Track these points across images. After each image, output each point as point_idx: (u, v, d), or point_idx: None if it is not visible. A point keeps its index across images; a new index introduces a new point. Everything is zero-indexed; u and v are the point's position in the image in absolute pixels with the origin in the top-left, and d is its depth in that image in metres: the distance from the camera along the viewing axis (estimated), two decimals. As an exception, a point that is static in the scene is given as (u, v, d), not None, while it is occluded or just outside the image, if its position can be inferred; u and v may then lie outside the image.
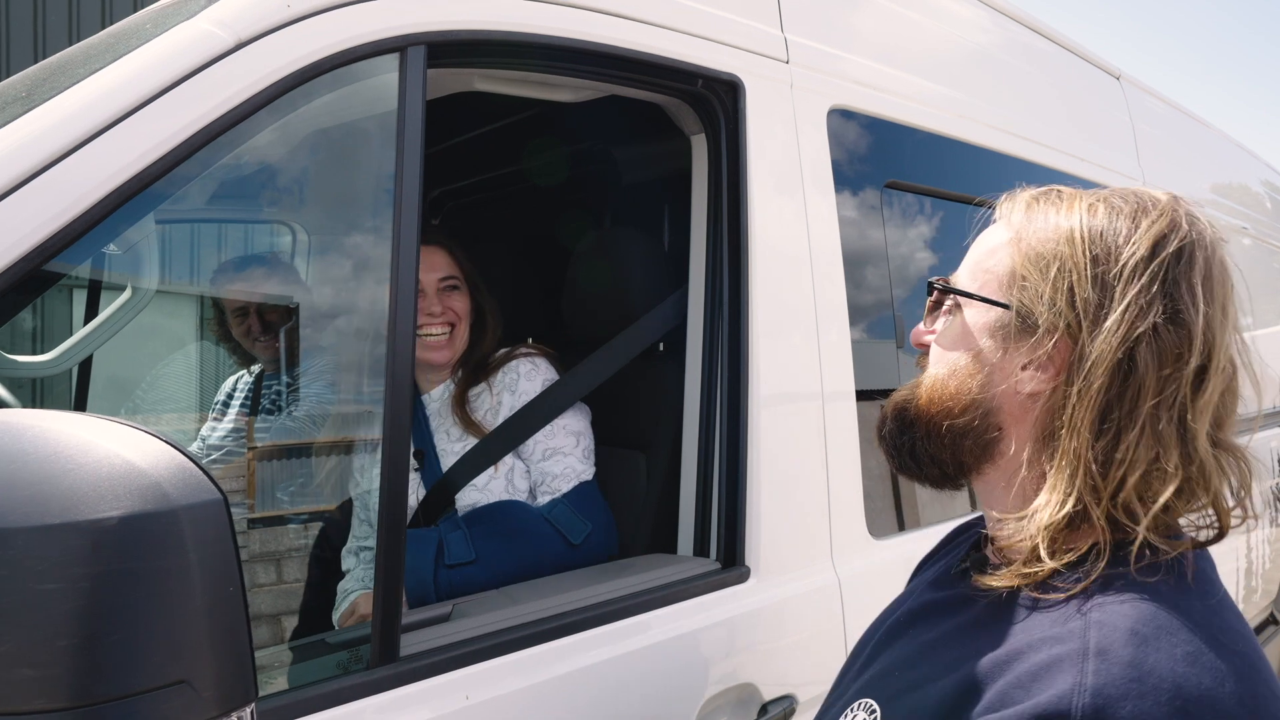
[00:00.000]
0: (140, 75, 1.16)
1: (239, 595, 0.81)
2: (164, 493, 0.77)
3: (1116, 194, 1.00)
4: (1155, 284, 0.91)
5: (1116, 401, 0.91)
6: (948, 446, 1.05)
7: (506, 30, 1.50)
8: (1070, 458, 0.92)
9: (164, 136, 1.14)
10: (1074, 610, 0.88)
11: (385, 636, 1.30)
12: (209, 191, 1.36)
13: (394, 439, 1.32)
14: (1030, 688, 0.84)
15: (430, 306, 2.11)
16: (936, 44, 2.52)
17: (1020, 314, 0.98)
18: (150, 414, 2.96)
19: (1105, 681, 0.81)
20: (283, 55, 1.25)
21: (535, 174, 2.82)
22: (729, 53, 1.83)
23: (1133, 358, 0.90)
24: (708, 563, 1.78)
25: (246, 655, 0.81)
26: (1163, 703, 0.79)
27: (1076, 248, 0.95)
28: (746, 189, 1.83)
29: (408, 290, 1.35)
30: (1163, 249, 0.93)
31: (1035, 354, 0.96)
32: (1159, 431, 0.90)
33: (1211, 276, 0.93)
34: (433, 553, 1.89)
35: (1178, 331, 0.91)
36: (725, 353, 1.83)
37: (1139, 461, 0.89)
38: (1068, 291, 0.95)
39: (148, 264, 1.63)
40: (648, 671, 1.59)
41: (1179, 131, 4.11)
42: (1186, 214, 0.96)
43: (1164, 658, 0.81)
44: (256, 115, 1.25)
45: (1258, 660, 0.86)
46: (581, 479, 2.02)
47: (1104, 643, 0.83)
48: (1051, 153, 2.78)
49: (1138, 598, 0.87)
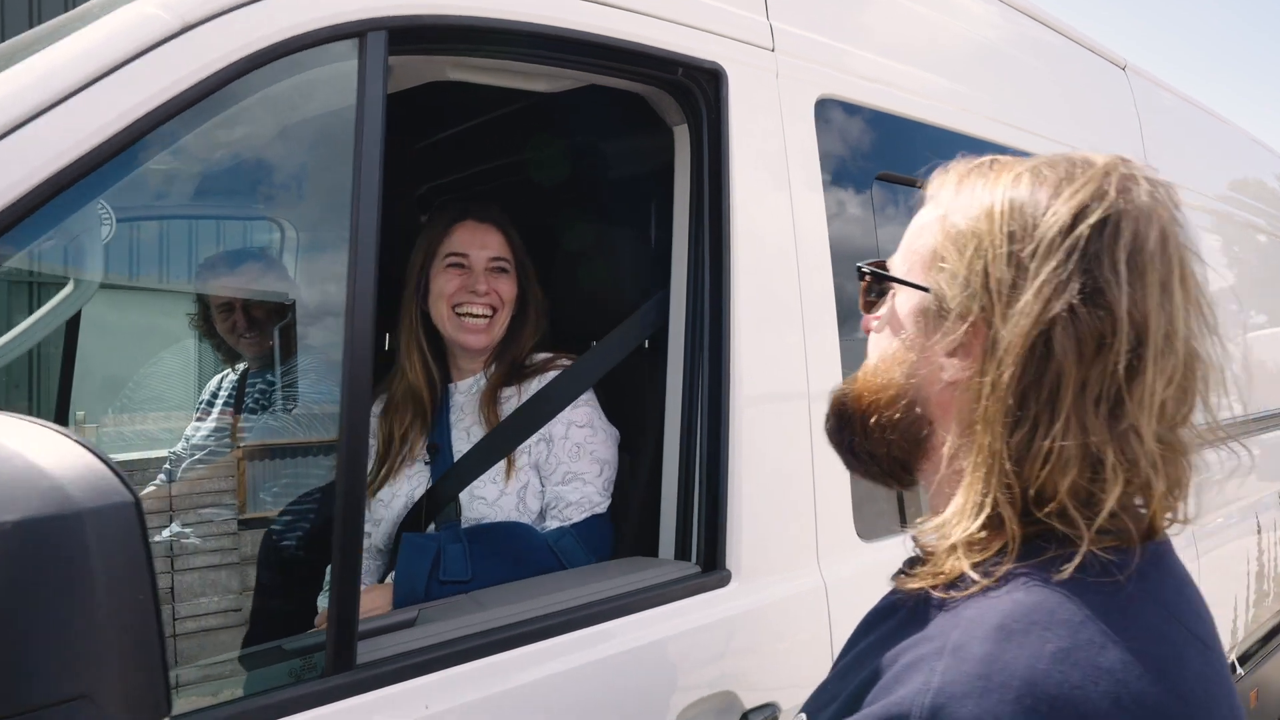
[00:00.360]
0: (76, 60, 1.11)
1: (150, 604, 0.77)
2: (67, 495, 0.73)
3: (1048, 161, 0.92)
4: (1072, 260, 0.83)
5: (1033, 391, 0.83)
6: (879, 442, 0.99)
7: (474, 15, 1.45)
8: (985, 454, 0.85)
9: (99, 125, 1.09)
10: (957, 603, 0.83)
11: (340, 643, 1.25)
12: (155, 182, 1.31)
13: (352, 438, 1.27)
14: (891, 688, 0.80)
15: (475, 284, 2.04)
16: (930, 32, 2.46)
17: (937, 297, 0.92)
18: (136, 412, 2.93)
19: (951, 680, 0.76)
20: (231, 40, 1.20)
21: (524, 169, 2.77)
22: (710, 40, 1.77)
23: (1049, 343, 0.82)
24: (687, 566, 1.73)
25: (158, 668, 0.77)
26: (1009, 700, 0.73)
27: (994, 223, 0.88)
28: (729, 181, 1.78)
29: (365, 291, 1.30)
30: (1082, 220, 0.84)
31: (952, 340, 0.90)
32: (1087, 426, 0.81)
33: (1142, 250, 0.83)
34: (429, 563, 1.82)
35: (1097, 312, 0.82)
36: (706, 350, 1.78)
37: (1069, 460, 0.81)
38: (982, 272, 0.87)
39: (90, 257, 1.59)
40: (621, 679, 1.54)
41: (1190, 124, 4.04)
42: (1120, 180, 0.87)
43: (1024, 654, 0.75)
44: (206, 103, 1.20)
45: (1164, 659, 0.77)
46: (595, 511, 1.95)
47: (963, 639, 0.78)
48: (1050, 144, 2.72)
49: (1023, 592, 0.80)
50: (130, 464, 2.79)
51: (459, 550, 1.83)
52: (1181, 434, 0.87)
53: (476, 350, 2.07)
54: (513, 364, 2.09)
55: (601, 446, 2.00)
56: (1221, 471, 1.56)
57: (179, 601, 2.08)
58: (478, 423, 2.03)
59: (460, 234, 2.09)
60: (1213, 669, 0.82)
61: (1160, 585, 0.84)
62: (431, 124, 2.86)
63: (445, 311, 2.05)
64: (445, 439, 2.06)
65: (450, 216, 2.12)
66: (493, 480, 1.96)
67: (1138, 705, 0.73)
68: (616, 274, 2.15)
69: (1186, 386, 0.86)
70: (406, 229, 3.08)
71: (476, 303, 2.04)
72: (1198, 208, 3.79)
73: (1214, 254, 4.03)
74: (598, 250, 2.21)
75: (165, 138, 1.18)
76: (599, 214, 2.55)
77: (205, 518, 2.36)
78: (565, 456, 1.97)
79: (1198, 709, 0.76)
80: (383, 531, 2.04)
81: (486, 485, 1.96)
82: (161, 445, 2.78)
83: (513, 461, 1.97)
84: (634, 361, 2.07)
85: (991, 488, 0.84)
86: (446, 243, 2.08)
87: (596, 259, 2.19)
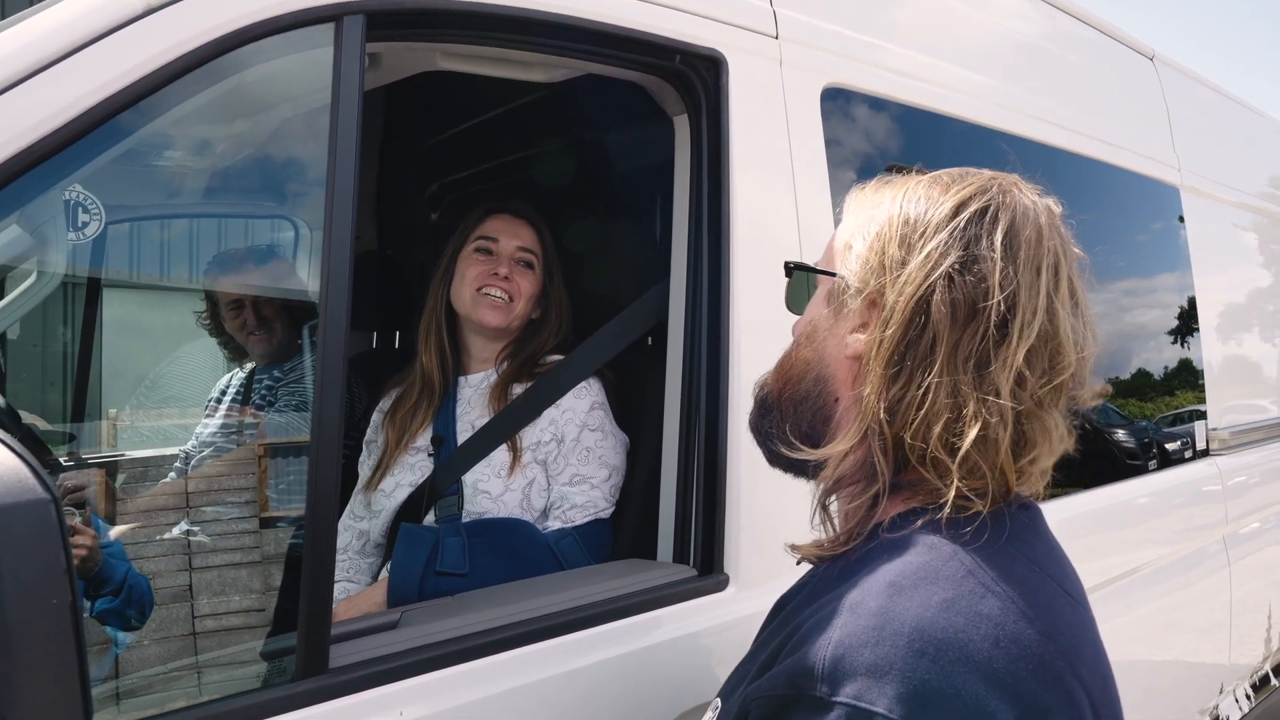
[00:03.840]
0: (35, 42, 1.08)
1: (67, 609, 0.73)
2: (-28, 493, 0.69)
3: (947, 172, 1.04)
4: (953, 237, 0.95)
5: (912, 348, 0.94)
6: (791, 418, 1.08)
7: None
8: (863, 405, 0.96)
9: (55, 110, 1.05)
10: (852, 571, 0.92)
11: (311, 646, 1.21)
12: (121, 171, 1.27)
13: (322, 437, 1.23)
14: (794, 650, 0.88)
15: (498, 266, 2.06)
16: (944, 20, 2.39)
17: (845, 280, 1.03)
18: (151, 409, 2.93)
19: (849, 633, 0.84)
20: (199, 22, 1.17)
21: (532, 164, 2.74)
22: (710, 26, 1.72)
23: (928, 306, 0.93)
24: (684, 570, 1.67)
25: (74, 679, 0.72)
26: (900, 646, 0.81)
27: (893, 215, 1.00)
28: (729, 173, 1.72)
29: (340, 287, 1.25)
30: (965, 208, 0.97)
31: (857, 316, 1.01)
32: (957, 380, 0.92)
33: (1017, 236, 0.95)
34: (425, 554, 1.80)
35: (973, 280, 0.93)
36: (705, 350, 1.72)
37: (939, 409, 0.91)
38: (880, 251, 0.99)
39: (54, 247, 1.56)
40: (614, 684, 1.49)
41: (1224, 117, 3.91)
42: (1003, 185, 1.00)
43: (913, 605, 0.84)
44: (173, 88, 1.17)
45: (1037, 606, 0.87)
46: (598, 515, 1.92)
47: (858, 598, 0.87)
48: (1068, 134, 2.63)
49: (911, 553, 0.90)
50: (146, 460, 2.79)
51: (458, 543, 1.81)
52: (1044, 406, 0.94)
53: (493, 329, 2.05)
54: (526, 361, 2.06)
55: (611, 452, 1.98)
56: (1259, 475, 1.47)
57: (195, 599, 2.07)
58: (485, 416, 2.01)
59: (494, 222, 2.13)
60: (1080, 618, 0.93)
61: (1032, 546, 0.95)
62: (441, 120, 2.84)
63: (467, 293, 2.06)
64: (450, 430, 2.03)
65: (487, 207, 2.17)
66: (497, 475, 1.93)
67: (1014, 644, 0.83)
68: (629, 270, 2.10)
69: (1052, 363, 0.94)
70: (417, 227, 3.07)
71: (496, 284, 2.04)
72: (1231, 203, 3.67)
73: (1250, 251, 3.90)
74: (605, 245, 2.17)
75: (130, 124, 1.15)
76: (607, 209, 2.51)
77: (212, 515, 2.34)
78: (575, 459, 1.94)
79: (1066, 648, 0.86)
80: (382, 521, 2.02)
81: (491, 479, 1.93)
82: (178, 442, 2.78)
83: (519, 456, 1.94)
84: (635, 360, 2.03)
85: (866, 434, 0.96)
86: (479, 229, 2.12)
87: (606, 255, 2.15)
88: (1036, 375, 0.93)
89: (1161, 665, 2.79)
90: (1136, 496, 2.82)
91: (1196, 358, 3.25)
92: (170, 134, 1.26)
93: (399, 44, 1.49)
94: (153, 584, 1.90)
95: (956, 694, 0.79)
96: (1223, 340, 3.45)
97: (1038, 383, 0.93)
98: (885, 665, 0.81)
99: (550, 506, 1.94)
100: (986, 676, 0.80)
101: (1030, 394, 0.93)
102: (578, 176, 2.66)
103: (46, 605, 0.71)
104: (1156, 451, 2.99)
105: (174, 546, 2.13)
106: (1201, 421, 3.22)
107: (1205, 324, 3.29)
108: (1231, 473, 3.29)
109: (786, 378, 1.09)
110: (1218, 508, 3.18)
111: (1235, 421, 3.45)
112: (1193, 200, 3.28)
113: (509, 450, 1.95)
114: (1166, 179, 3.15)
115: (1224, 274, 3.55)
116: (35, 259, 1.97)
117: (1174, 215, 3.21)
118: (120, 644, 1.84)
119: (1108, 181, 2.86)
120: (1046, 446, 0.96)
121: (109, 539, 1.93)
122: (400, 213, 3.10)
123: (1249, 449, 3.51)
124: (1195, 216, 3.29)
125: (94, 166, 1.15)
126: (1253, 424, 3.61)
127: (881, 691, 0.80)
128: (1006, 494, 0.94)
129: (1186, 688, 2.96)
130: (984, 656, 0.81)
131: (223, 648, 1.91)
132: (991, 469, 0.92)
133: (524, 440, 1.96)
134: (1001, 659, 0.81)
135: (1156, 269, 3.18)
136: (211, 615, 1.94)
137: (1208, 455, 3.21)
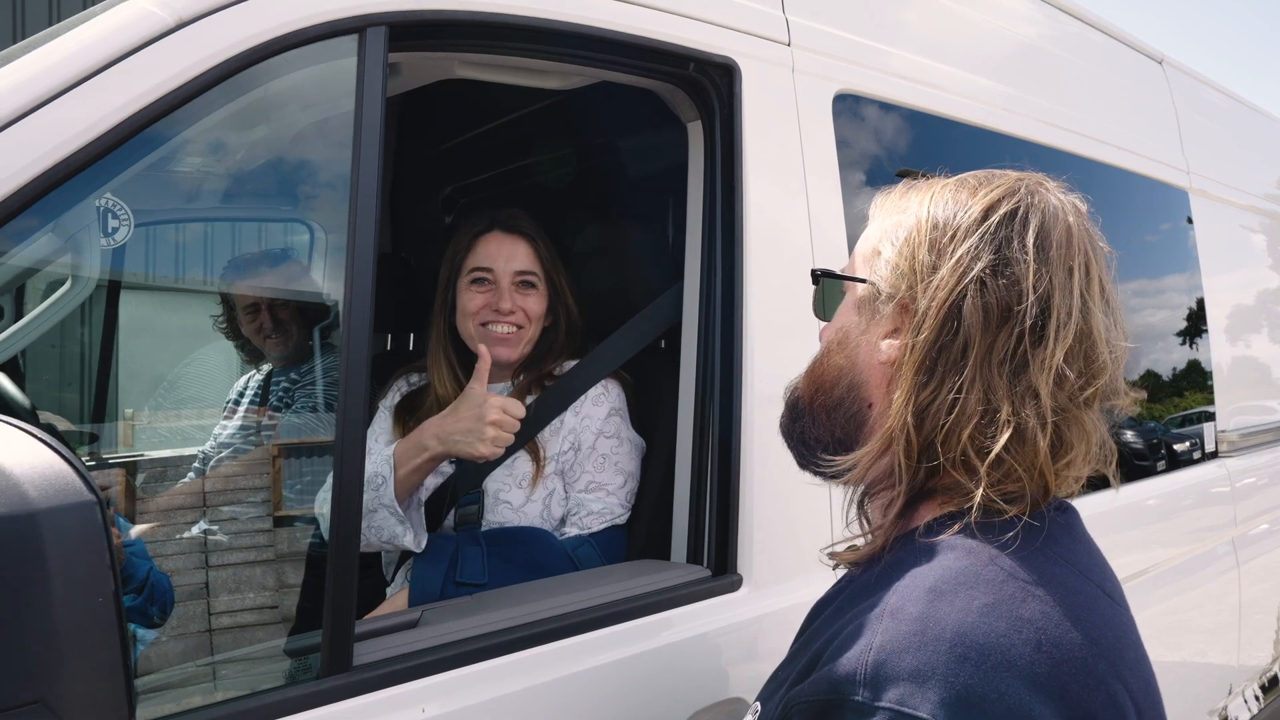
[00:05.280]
0: (73, 56, 1.11)
1: (111, 607, 0.75)
2: (24, 495, 0.72)
3: (973, 174, 1.04)
4: (984, 240, 0.95)
5: (945, 353, 0.94)
6: (825, 425, 1.07)
7: (477, 10, 1.43)
8: (896, 409, 0.95)
9: (93, 120, 1.08)
10: (889, 575, 0.91)
11: (336, 644, 1.23)
12: (153, 179, 1.31)
13: (348, 439, 1.26)
14: (836, 655, 0.87)
15: (499, 302, 1.97)
16: (955, 26, 2.41)
17: (876, 285, 1.03)
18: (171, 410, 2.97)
19: (890, 638, 0.84)
20: (227, 36, 1.20)
21: (546, 168, 2.76)
22: (723, 34, 1.74)
23: (960, 310, 0.93)
24: (698, 570, 1.70)
25: (119, 673, 0.75)
26: (943, 651, 0.81)
27: (922, 220, 1.00)
28: (742, 178, 1.74)
29: (364, 290, 1.28)
30: (995, 211, 0.96)
31: (889, 322, 1.01)
32: (990, 384, 0.91)
33: (1049, 236, 0.95)
34: (445, 564, 1.81)
35: (1005, 284, 0.93)
36: (719, 352, 1.74)
37: (969, 413, 0.91)
38: (910, 256, 0.99)
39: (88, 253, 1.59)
40: (626, 684, 1.51)
41: (1233, 120, 3.92)
42: (1030, 186, 0.99)
43: (954, 610, 0.83)
44: (204, 99, 1.20)
45: (1078, 609, 0.86)
46: (615, 522, 1.93)
47: (899, 603, 0.86)
48: (1077, 138, 2.64)
49: (949, 555, 0.89)
50: (164, 461, 2.83)
51: (476, 553, 1.82)
52: (1082, 407, 0.94)
53: (506, 363, 2.02)
54: (541, 374, 2.06)
55: (626, 459, 1.98)
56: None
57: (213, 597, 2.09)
58: None
59: (485, 247, 2.02)
60: (1120, 620, 0.92)
61: (1070, 548, 0.95)
62: (455, 124, 2.87)
63: (472, 328, 2.00)
64: None
65: (476, 228, 2.06)
66: (519, 485, 1.94)
67: (1056, 648, 0.82)
68: (638, 274, 2.12)
69: (1090, 363, 0.94)
70: (432, 229, 3.10)
71: (502, 321, 1.99)
72: (1240, 205, 3.68)
73: (1259, 253, 3.91)
74: (618, 250, 2.19)
75: (161, 134, 1.18)
76: (620, 213, 2.53)
77: (229, 514, 2.38)
78: (591, 466, 1.95)
79: (1108, 649, 0.86)
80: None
81: (513, 490, 1.94)
82: (196, 443, 2.81)
83: (541, 469, 1.94)
84: (649, 363, 2.05)
85: (891, 439, 0.96)
86: (471, 257, 2.02)
87: (618, 258, 2.17)
88: (1075, 375, 0.92)
89: (1170, 666, 2.80)
90: (1146, 498, 2.84)
91: (1205, 359, 3.27)
92: (196, 142, 1.29)
93: (419, 54, 1.52)
94: (175, 582, 1.93)
95: (1000, 698, 0.79)
96: (1231, 342, 3.46)
97: (1076, 383, 0.93)
98: (928, 670, 0.80)
99: (567, 514, 1.95)
100: (1030, 681, 0.80)
101: (1069, 394, 0.92)
102: (590, 181, 2.68)
103: (93, 602, 0.74)
104: (1165, 453, 3.01)
105: (195, 545, 2.16)
106: (1210, 423, 3.23)
107: (1214, 326, 3.30)
108: (1240, 474, 3.30)
109: (819, 384, 1.09)
110: (1227, 509, 3.19)
111: (1244, 423, 3.45)
112: (1201, 203, 3.29)
113: (532, 461, 1.95)
114: (1175, 182, 3.16)
115: (1232, 276, 3.56)
116: (69, 264, 2.00)
117: (1182, 218, 3.22)
118: (143, 641, 1.87)
119: (1117, 185, 2.88)
120: (1084, 449, 0.95)
121: (131, 538, 1.96)
122: (414, 215, 3.13)
123: (1258, 451, 3.52)
124: (1204, 219, 3.30)
125: (125, 177, 1.18)
126: (1262, 426, 3.61)
127: (925, 696, 0.79)
128: (1045, 495, 0.94)
129: (1195, 688, 2.97)
130: (1027, 661, 0.80)
131: (244, 645, 1.94)
132: (1029, 471, 0.92)
133: (547, 451, 1.96)
134: (1044, 663, 0.81)
135: (1165, 271, 3.19)
136: (231, 613, 1.97)
137: (1216, 457, 3.22)
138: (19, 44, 1.53)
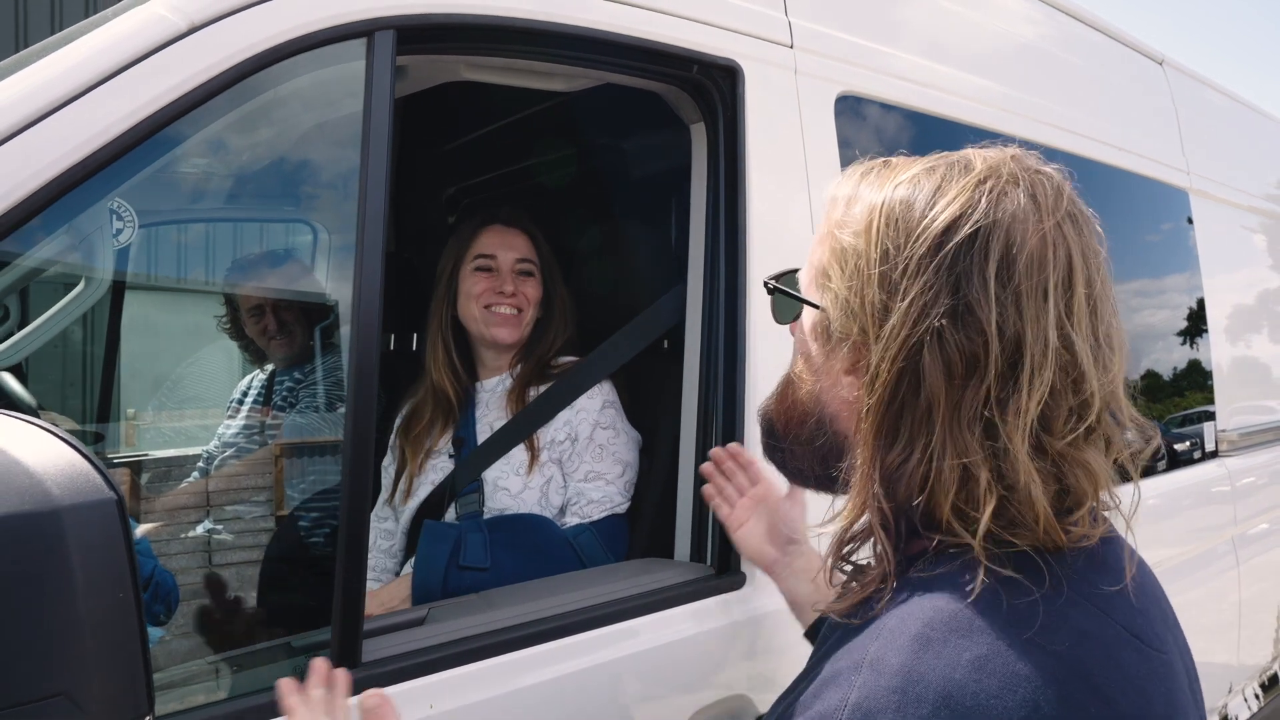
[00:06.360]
0: (86, 61, 1.12)
1: (131, 603, 0.77)
2: (47, 492, 0.73)
3: (929, 166, 0.89)
4: (939, 276, 0.81)
5: (907, 411, 0.82)
6: (805, 458, 0.99)
7: (483, 14, 1.45)
8: (862, 470, 0.85)
9: (107, 124, 1.10)
10: (878, 613, 0.82)
11: (345, 641, 1.25)
12: (165, 181, 1.32)
13: (357, 436, 1.28)
14: (809, 704, 0.79)
15: (503, 285, 2.09)
16: (956, 27, 2.42)
17: (828, 316, 0.90)
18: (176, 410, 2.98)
19: (867, 694, 0.75)
20: (239, 40, 1.21)
21: (549, 169, 2.77)
22: (727, 37, 1.75)
23: (917, 366, 0.81)
24: (701, 568, 1.71)
25: (139, 667, 0.77)
26: (925, 715, 0.71)
27: (871, 240, 0.86)
28: (745, 179, 1.76)
29: (372, 290, 1.30)
30: (951, 236, 0.81)
31: (845, 359, 0.89)
32: (963, 446, 0.79)
33: (1014, 263, 0.80)
34: (449, 549, 1.85)
35: (968, 332, 0.79)
36: (722, 351, 1.76)
37: (947, 481, 0.80)
38: (859, 292, 0.86)
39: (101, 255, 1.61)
40: (630, 681, 1.53)
41: (1234, 120, 3.93)
42: (995, 187, 0.83)
43: (940, 664, 0.73)
44: (216, 102, 1.21)
45: (1090, 661, 0.75)
46: (615, 510, 1.97)
47: (881, 652, 0.77)
48: (1078, 138, 2.65)
49: (944, 595, 0.78)
50: (168, 461, 2.84)
51: (479, 539, 1.86)
52: (1079, 441, 0.82)
53: (506, 344, 2.10)
54: (538, 363, 2.11)
55: (624, 449, 2.02)
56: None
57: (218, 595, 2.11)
58: (503, 417, 2.06)
59: (488, 237, 2.14)
60: (1150, 667, 0.79)
61: (1092, 585, 0.81)
62: (459, 125, 2.88)
63: (476, 310, 2.10)
64: (470, 433, 2.09)
65: (479, 221, 2.19)
66: (516, 473, 1.98)
67: (1062, 707, 0.72)
68: (641, 275, 2.14)
69: (1078, 395, 0.81)
70: (435, 229, 3.11)
71: (504, 303, 2.09)
72: (1240, 206, 3.69)
73: (1259, 253, 3.92)
74: (621, 251, 2.21)
75: (174, 138, 1.19)
76: (623, 214, 2.54)
77: (233, 514, 2.39)
78: (589, 456, 1.99)
79: (1128, 709, 0.74)
80: (404, 519, 2.08)
81: (510, 477, 1.98)
82: (200, 443, 2.83)
83: (537, 455, 1.99)
84: (652, 363, 2.07)
85: (863, 501, 0.85)
86: (475, 245, 2.14)
87: (621, 260, 2.19)
88: (1063, 417, 0.81)
89: (1170, 664, 2.80)
90: (1145, 497, 2.82)
91: (1205, 359, 3.28)
92: (206, 145, 1.31)
93: (426, 56, 1.53)
94: (180, 581, 1.95)
95: None
96: (1231, 342, 3.47)
97: (1065, 426, 0.81)
98: None
99: (567, 503, 1.99)
100: None
101: (1060, 438, 0.81)
102: (593, 181, 2.69)
103: (114, 598, 0.75)
104: (1165, 452, 3.02)
105: (199, 544, 2.18)
106: (1210, 423, 3.25)
107: (1214, 326, 3.31)
108: (1240, 474, 3.31)
109: (788, 416, 0.99)
110: (1227, 509, 3.20)
111: (1244, 423, 3.47)
112: (1201, 203, 3.31)
113: (527, 449, 2.00)
114: (1175, 182, 3.18)
115: (1232, 276, 3.57)
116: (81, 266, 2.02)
117: (1183, 218, 3.24)
118: (150, 639, 1.88)
119: (1117, 185, 2.89)
120: (1093, 489, 0.84)
121: (136, 536, 1.98)
122: (418, 216, 3.15)
123: (1258, 450, 3.53)
124: (1204, 219, 3.31)
125: (136, 180, 1.19)
126: (1261, 425, 3.63)
127: None
128: (1055, 549, 0.81)
129: (1195, 687, 2.98)
130: None
131: (253, 643, 1.95)
132: (1033, 526, 0.80)
133: (541, 439, 2.01)
134: None
135: (1165, 271, 3.20)
136: (239, 611, 1.98)
137: (1216, 456, 3.24)
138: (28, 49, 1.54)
